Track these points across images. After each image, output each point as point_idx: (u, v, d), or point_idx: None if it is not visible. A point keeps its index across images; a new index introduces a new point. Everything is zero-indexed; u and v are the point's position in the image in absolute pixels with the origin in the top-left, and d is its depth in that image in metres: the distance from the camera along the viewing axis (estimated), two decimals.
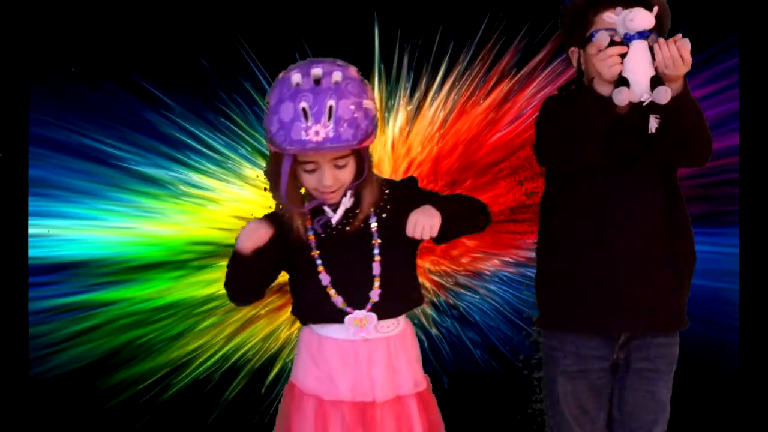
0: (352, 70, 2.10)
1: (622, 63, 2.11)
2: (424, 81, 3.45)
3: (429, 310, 3.52)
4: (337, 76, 2.05)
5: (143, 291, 3.41)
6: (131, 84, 3.36)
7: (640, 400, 2.33)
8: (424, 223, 2.04)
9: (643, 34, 2.11)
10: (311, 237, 2.15)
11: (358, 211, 2.14)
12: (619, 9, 2.16)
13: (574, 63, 2.34)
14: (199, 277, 3.44)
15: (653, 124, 2.20)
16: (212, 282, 3.42)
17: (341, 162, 2.09)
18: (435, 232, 2.05)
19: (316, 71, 2.05)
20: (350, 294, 2.13)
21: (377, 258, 2.13)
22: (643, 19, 2.11)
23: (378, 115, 2.14)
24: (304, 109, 2.02)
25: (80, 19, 3.30)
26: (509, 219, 3.49)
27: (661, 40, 2.11)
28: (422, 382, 2.22)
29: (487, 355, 3.47)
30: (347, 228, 2.14)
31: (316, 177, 2.10)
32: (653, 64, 2.12)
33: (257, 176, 3.43)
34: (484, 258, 3.53)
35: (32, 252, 3.23)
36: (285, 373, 3.38)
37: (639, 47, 2.11)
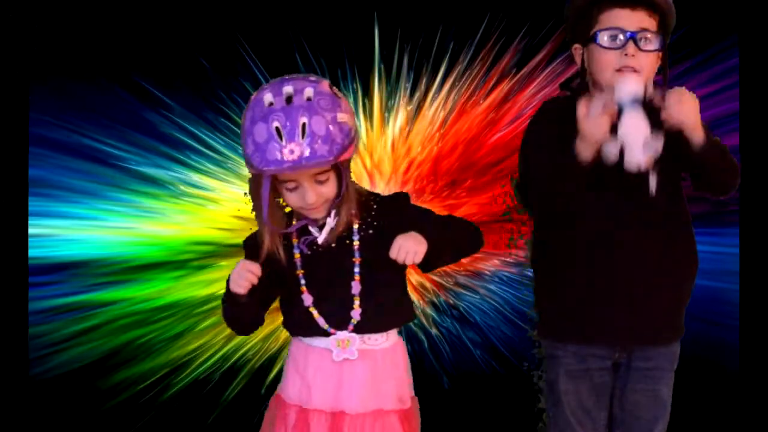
0: (325, 85, 2.08)
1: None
2: (424, 81, 3.45)
3: (429, 310, 3.52)
4: (308, 92, 2.04)
5: (143, 291, 3.41)
6: (131, 84, 3.36)
7: (642, 399, 2.33)
8: (408, 248, 2.02)
9: (635, 100, 2.12)
10: (297, 256, 2.14)
11: (339, 228, 2.13)
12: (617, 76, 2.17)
13: (577, 60, 2.34)
14: (199, 277, 3.44)
15: (653, 183, 2.19)
16: (212, 282, 3.42)
17: (322, 177, 2.08)
18: (419, 259, 2.03)
19: (288, 89, 2.04)
20: (331, 314, 2.12)
21: (357, 277, 2.11)
22: (632, 86, 2.12)
23: (354, 127, 2.11)
24: (277, 129, 2.01)
25: (80, 19, 3.30)
26: (509, 219, 3.49)
27: (658, 98, 2.11)
28: (407, 401, 2.19)
29: (487, 355, 3.47)
30: (332, 245, 2.13)
31: (298, 195, 2.09)
32: (650, 132, 2.12)
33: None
34: (484, 258, 3.53)
35: (32, 252, 3.23)
36: None
37: (632, 114, 2.12)
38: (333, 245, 2.13)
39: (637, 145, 2.11)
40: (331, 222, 2.13)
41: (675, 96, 2.12)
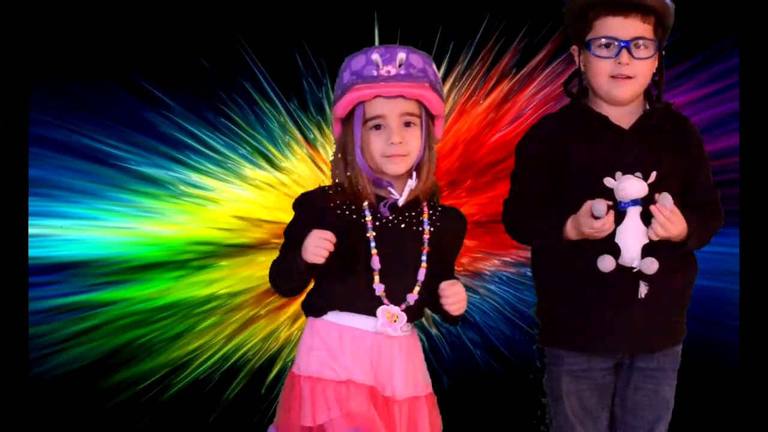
0: None
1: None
2: None
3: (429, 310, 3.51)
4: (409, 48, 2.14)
5: (143, 291, 3.40)
6: (131, 84, 3.36)
7: (644, 398, 2.33)
8: (462, 302, 2.11)
9: (636, 202, 2.14)
10: (368, 219, 2.13)
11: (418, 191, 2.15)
12: (618, 174, 2.18)
13: (576, 61, 2.35)
14: (199, 277, 3.44)
15: (643, 290, 2.21)
16: (212, 282, 3.42)
17: (410, 119, 2.11)
18: (458, 312, 2.12)
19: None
20: (391, 287, 2.12)
21: (424, 265, 2.14)
22: (634, 188, 2.15)
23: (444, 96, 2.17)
24: (376, 60, 2.08)
25: (80, 18, 3.30)
26: None
27: (653, 208, 2.13)
28: (429, 385, 2.23)
29: (487, 355, 3.47)
30: (402, 226, 2.14)
31: (383, 135, 2.10)
32: (647, 233, 2.15)
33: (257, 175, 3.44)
34: (484, 258, 3.53)
35: (32, 252, 3.22)
36: (285, 373, 3.38)
37: (631, 216, 2.16)
38: (402, 226, 2.14)
39: (635, 249, 2.16)
40: (411, 183, 2.13)
41: (660, 218, 2.14)
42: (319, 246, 2.03)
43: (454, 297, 2.09)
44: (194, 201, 3.45)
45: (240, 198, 3.44)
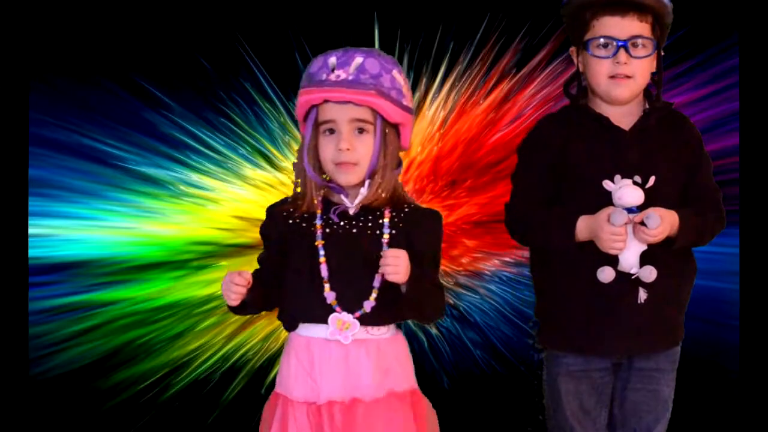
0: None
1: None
2: (424, 81, 3.45)
3: None
4: (379, 52, 2.11)
5: (143, 291, 3.40)
6: (131, 84, 3.36)
7: (642, 398, 2.33)
8: (399, 267, 1.99)
9: (632, 210, 2.14)
10: (318, 227, 2.11)
11: (369, 200, 2.11)
12: (617, 177, 2.18)
13: (575, 63, 2.35)
14: (199, 277, 3.44)
15: (642, 295, 2.21)
16: (212, 282, 3.42)
17: (361, 125, 2.08)
18: (394, 280, 2.01)
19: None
20: (345, 294, 2.08)
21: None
22: (631, 196, 2.15)
23: (409, 102, 2.13)
24: (332, 64, 2.07)
25: (80, 18, 3.30)
26: None
27: (639, 234, 2.14)
28: (413, 382, 2.18)
29: (487, 355, 3.47)
30: (354, 231, 2.11)
31: (334, 141, 2.08)
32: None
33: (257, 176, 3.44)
34: (484, 258, 3.53)
35: (32, 252, 3.23)
36: None
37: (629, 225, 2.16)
38: (355, 231, 2.11)
39: (633, 257, 2.17)
40: (363, 191, 2.10)
41: (649, 239, 2.16)
42: (228, 290, 2.02)
43: (389, 259, 2.00)
44: (194, 201, 3.45)
45: (240, 198, 3.44)
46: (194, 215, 3.45)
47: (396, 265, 2.00)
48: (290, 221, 2.14)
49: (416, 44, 3.41)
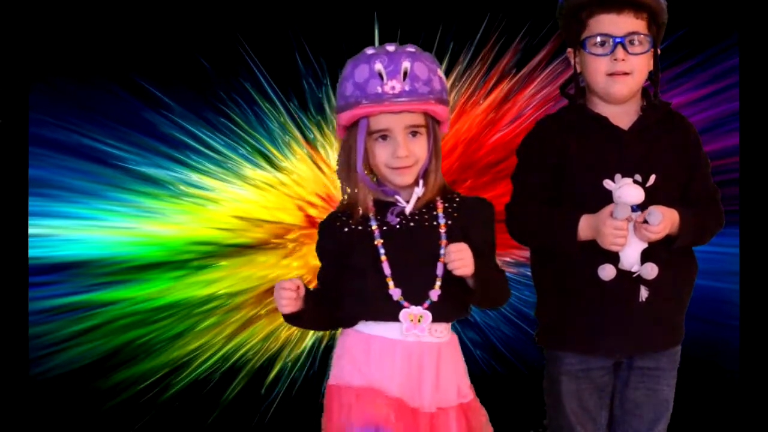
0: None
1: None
2: None
3: None
4: (411, 48, 2.10)
5: (143, 291, 3.40)
6: (131, 84, 3.36)
7: (643, 398, 2.33)
8: (465, 260, 2.01)
9: (633, 209, 2.14)
10: (374, 228, 2.12)
11: (426, 197, 2.12)
12: (617, 176, 2.18)
13: (572, 64, 2.35)
14: (199, 277, 3.44)
15: (644, 293, 2.21)
16: (212, 282, 3.42)
17: (416, 129, 2.09)
18: (461, 273, 2.03)
19: (390, 47, 2.10)
20: (409, 288, 2.08)
21: (443, 258, 2.08)
22: (632, 195, 2.15)
23: (448, 95, 2.15)
24: (379, 71, 2.04)
25: (80, 18, 3.30)
26: None
27: (642, 231, 2.14)
28: (468, 393, 2.18)
29: (487, 355, 3.47)
30: (411, 225, 2.11)
31: (389, 147, 2.08)
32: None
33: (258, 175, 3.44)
34: None
35: (32, 252, 3.23)
36: (285, 373, 3.38)
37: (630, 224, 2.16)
38: (412, 225, 2.12)
39: (634, 255, 2.17)
40: (418, 191, 2.11)
41: (651, 237, 2.16)
42: (280, 298, 2.05)
43: (453, 254, 2.02)
44: (194, 201, 3.45)
45: (240, 198, 3.44)
46: (194, 215, 3.45)
47: (462, 259, 2.02)
48: (345, 229, 2.14)
49: (416, 44, 3.41)
